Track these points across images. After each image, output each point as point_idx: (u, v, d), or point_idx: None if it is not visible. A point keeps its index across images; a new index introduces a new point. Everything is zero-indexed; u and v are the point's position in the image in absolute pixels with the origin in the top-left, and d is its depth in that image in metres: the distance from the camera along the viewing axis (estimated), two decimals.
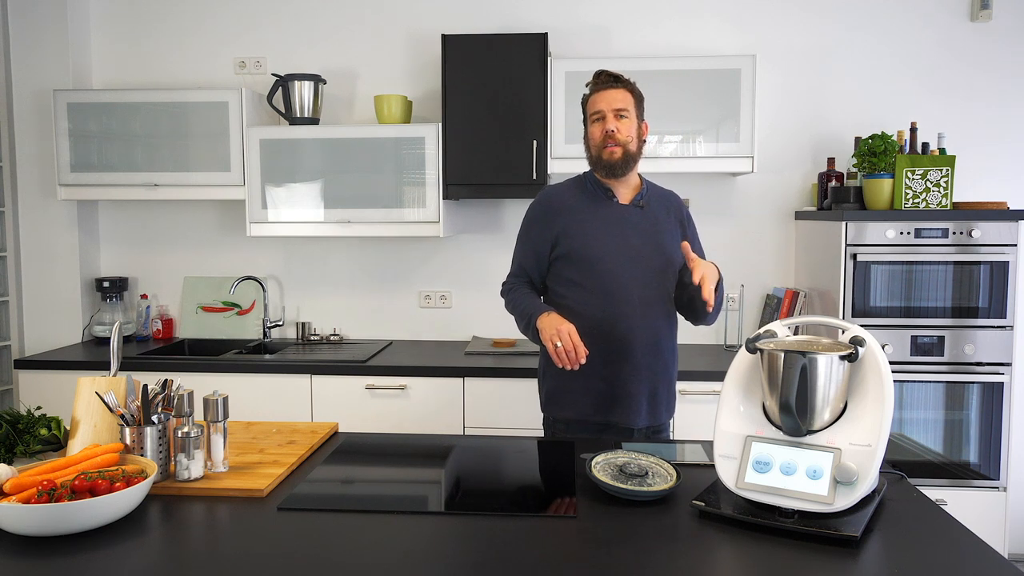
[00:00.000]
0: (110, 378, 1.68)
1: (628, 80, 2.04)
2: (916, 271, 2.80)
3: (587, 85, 2.07)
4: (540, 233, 2.08)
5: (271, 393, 2.94)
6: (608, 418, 2.03)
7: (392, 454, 1.80)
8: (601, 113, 2.00)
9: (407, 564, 1.22)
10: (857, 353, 1.37)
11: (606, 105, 1.99)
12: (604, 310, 1.99)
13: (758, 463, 1.38)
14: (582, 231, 2.02)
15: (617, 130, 1.98)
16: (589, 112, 2.05)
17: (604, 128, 1.99)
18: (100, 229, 3.58)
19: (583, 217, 2.04)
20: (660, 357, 2.05)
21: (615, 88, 2.01)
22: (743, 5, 3.31)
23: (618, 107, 1.99)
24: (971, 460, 2.85)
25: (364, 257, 3.50)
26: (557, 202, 2.07)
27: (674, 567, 1.20)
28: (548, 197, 2.10)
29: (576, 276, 2.02)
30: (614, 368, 2.01)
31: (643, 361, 2.02)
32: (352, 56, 3.44)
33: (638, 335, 2.00)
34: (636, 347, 2.00)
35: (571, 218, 2.04)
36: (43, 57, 3.33)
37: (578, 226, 2.02)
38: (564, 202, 2.07)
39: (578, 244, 2.01)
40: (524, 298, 2.07)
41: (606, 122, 1.99)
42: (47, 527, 1.27)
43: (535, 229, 2.09)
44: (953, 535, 1.31)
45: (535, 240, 2.09)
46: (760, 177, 3.35)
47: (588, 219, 2.03)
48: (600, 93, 2.01)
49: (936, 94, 3.28)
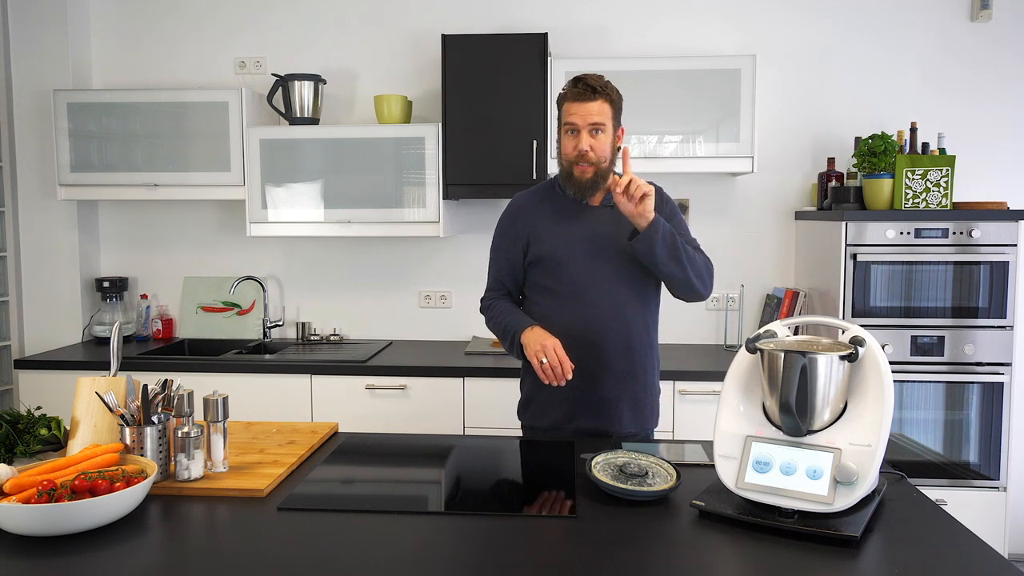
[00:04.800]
0: (110, 378, 1.68)
1: (606, 88, 1.92)
2: (916, 271, 2.80)
3: (564, 88, 1.95)
4: (512, 242, 2.04)
5: (271, 393, 2.94)
6: (585, 424, 1.99)
7: (392, 454, 1.80)
8: (575, 127, 1.90)
9: (407, 564, 1.22)
10: (857, 353, 1.37)
11: (581, 119, 1.89)
12: (575, 313, 1.95)
13: (758, 463, 1.38)
14: (550, 236, 1.98)
15: (591, 148, 1.90)
16: (564, 119, 1.94)
17: (578, 146, 1.90)
18: (100, 229, 3.58)
19: (551, 221, 2.00)
20: (635, 359, 1.99)
21: (592, 100, 1.89)
22: (743, 5, 3.31)
23: (594, 121, 1.89)
24: (971, 460, 2.85)
25: (364, 257, 3.50)
26: (526, 209, 2.05)
27: (674, 567, 1.20)
28: (516, 206, 2.07)
29: (547, 282, 1.99)
30: (589, 373, 1.96)
31: (618, 364, 1.97)
32: (352, 56, 3.44)
33: (611, 337, 1.96)
34: (610, 350, 1.96)
35: (539, 223, 2.00)
36: (43, 57, 3.33)
37: (546, 231, 1.99)
38: (532, 209, 2.04)
39: (546, 249, 1.97)
40: (505, 314, 2.01)
41: (580, 139, 1.90)
42: (47, 527, 1.27)
43: (506, 239, 2.06)
44: (953, 535, 1.31)
45: (507, 250, 2.06)
46: (760, 177, 3.35)
47: (556, 223, 1.99)
48: (576, 104, 1.90)
49: (936, 94, 3.28)
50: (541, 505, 1.47)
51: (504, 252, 2.07)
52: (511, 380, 2.86)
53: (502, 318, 2.01)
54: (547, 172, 3.04)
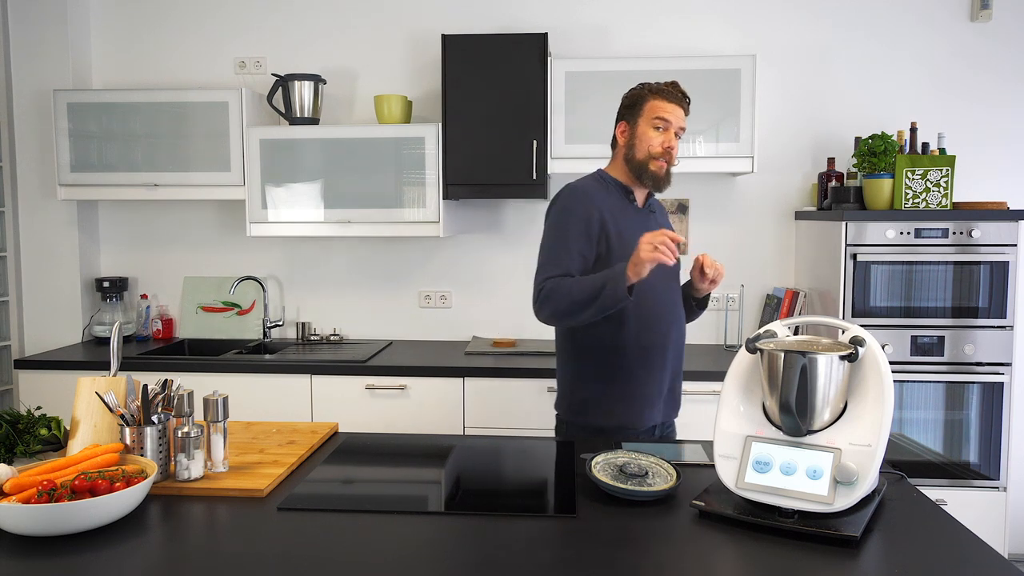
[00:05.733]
0: (110, 378, 1.68)
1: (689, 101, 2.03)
2: (916, 271, 2.80)
3: (650, 86, 1.99)
4: (588, 227, 1.93)
5: (271, 393, 2.94)
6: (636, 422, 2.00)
7: (392, 454, 1.80)
8: (668, 124, 1.96)
9: (407, 564, 1.22)
10: (857, 353, 1.37)
11: (675, 120, 1.97)
12: (641, 307, 1.95)
13: (758, 463, 1.38)
14: (617, 232, 1.96)
15: (675, 149, 1.98)
16: (650, 114, 1.97)
17: (667, 142, 1.96)
18: (100, 229, 3.58)
19: (617, 214, 1.99)
20: (681, 355, 2.10)
21: (683, 107, 1.99)
22: (743, 5, 3.31)
23: (681, 126, 1.99)
24: (971, 460, 2.85)
25: (364, 257, 3.50)
26: (596, 198, 1.98)
27: (674, 567, 1.20)
28: (586, 194, 1.98)
29: None
30: (649, 370, 2.00)
31: (672, 362, 2.05)
32: (352, 56, 3.44)
33: (672, 336, 2.03)
34: (669, 348, 2.02)
35: (607, 215, 1.96)
36: (43, 57, 3.33)
37: (614, 224, 1.96)
38: (601, 199, 1.99)
39: (615, 244, 1.94)
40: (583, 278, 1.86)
41: (669, 137, 1.96)
42: (47, 527, 1.27)
43: (580, 224, 1.93)
44: (953, 535, 1.31)
45: (582, 234, 1.93)
46: (760, 177, 3.35)
47: (619, 219, 1.98)
48: (670, 105, 1.96)
49: (936, 94, 3.28)
50: (541, 505, 1.47)
51: (577, 240, 1.93)
52: (511, 380, 2.86)
53: (583, 281, 1.85)
54: (547, 172, 3.04)
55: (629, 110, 2.02)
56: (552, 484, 1.58)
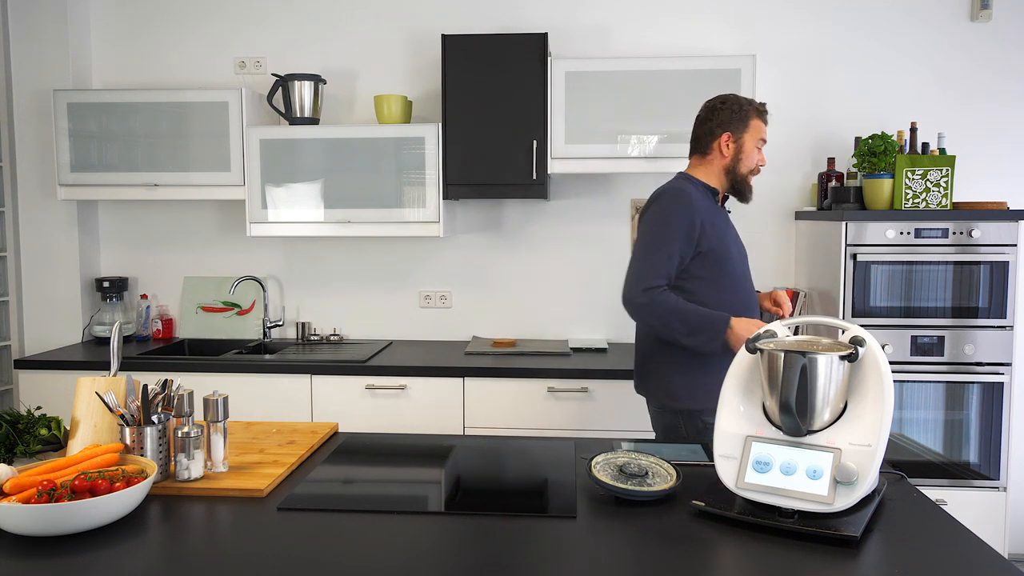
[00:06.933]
0: (110, 378, 1.68)
1: None
2: (916, 271, 2.80)
3: (754, 105, 2.18)
4: (688, 232, 2.09)
5: (271, 393, 2.94)
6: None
7: (392, 454, 1.80)
8: (764, 143, 2.20)
9: (407, 564, 1.22)
10: (857, 353, 1.37)
11: (766, 139, 2.20)
12: (733, 302, 2.12)
13: (758, 463, 1.38)
14: (715, 231, 2.13)
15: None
16: (756, 133, 2.17)
17: (763, 161, 2.21)
18: (100, 229, 3.58)
19: (712, 217, 2.14)
20: None
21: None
22: (743, 5, 3.31)
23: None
24: (971, 460, 2.85)
25: (364, 257, 3.50)
26: (697, 203, 2.12)
27: (674, 567, 1.20)
28: (689, 199, 2.11)
29: (707, 273, 2.12)
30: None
31: None
32: (352, 56, 3.44)
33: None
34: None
35: (706, 218, 2.12)
36: (43, 57, 3.33)
37: (711, 226, 2.12)
38: (700, 203, 2.13)
39: (715, 243, 2.11)
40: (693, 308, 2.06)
41: (763, 156, 2.21)
42: (47, 527, 1.27)
43: (682, 229, 2.09)
44: (953, 535, 1.31)
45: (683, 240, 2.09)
46: (760, 177, 3.33)
47: (714, 220, 2.14)
48: (765, 127, 2.19)
49: (936, 94, 3.28)
50: (541, 505, 1.47)
51: (679, 242, 2.09)
52: (511, 380, 2.86)
53: (688, 314, 2.04)
54: (547, 172, 3.04)
55: (735, 124, 2.17)
56: (552, 484, 1.58)
